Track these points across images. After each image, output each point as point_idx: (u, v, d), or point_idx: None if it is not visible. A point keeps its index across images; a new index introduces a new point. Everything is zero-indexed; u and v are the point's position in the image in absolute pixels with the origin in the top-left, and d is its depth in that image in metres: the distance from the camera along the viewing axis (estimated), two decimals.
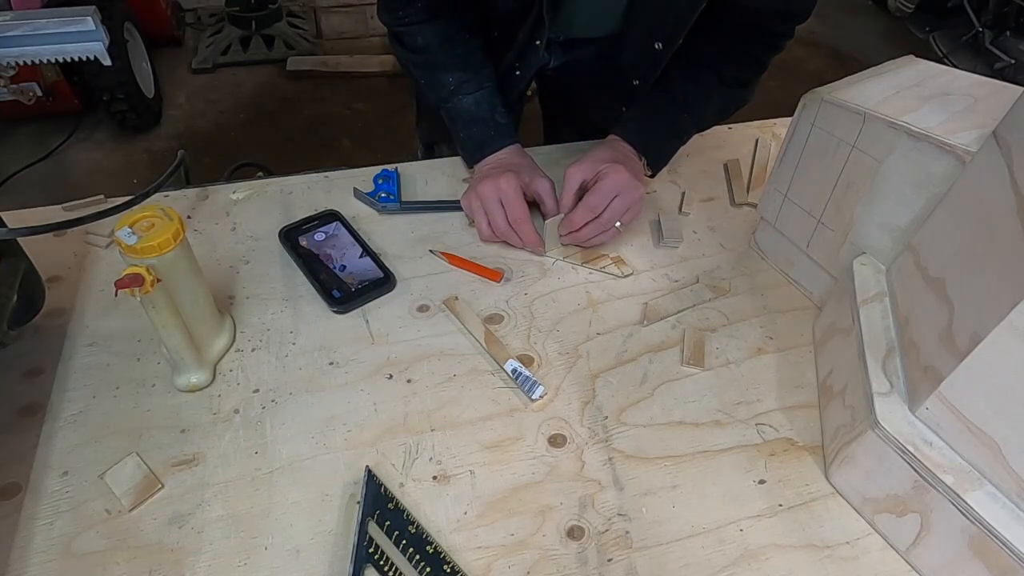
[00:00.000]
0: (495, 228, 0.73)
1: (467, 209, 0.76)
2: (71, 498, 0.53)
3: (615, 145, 0.78)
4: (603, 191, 0.71)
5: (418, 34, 0.78)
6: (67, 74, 2.12)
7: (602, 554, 0.51)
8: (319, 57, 2.64)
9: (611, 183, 0.71)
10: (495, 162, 0.77)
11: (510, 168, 0.74)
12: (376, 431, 0.58)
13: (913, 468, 0.48)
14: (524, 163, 0.78)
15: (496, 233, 0.73)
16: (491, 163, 0.78)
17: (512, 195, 0.72)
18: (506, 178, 0.72)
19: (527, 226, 0.72)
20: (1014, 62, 2.48)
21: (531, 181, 0.75)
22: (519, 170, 0.75)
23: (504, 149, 0.78)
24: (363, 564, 0.49)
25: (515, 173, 0.73)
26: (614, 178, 0.71)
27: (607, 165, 0.72)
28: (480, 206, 0.73)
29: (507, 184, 0.72)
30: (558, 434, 0.59)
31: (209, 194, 0.81)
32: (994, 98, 0.59)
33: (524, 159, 0.79)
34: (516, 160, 0.77)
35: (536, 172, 0.77)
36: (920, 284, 0.53)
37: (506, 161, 0.77)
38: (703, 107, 0.80)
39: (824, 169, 0.64)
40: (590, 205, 0.71)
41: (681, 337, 0.67)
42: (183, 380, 0.60)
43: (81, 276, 0.71)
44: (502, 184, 0.72)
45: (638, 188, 0.72)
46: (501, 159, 0.78)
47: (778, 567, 0.51)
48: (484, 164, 0.78)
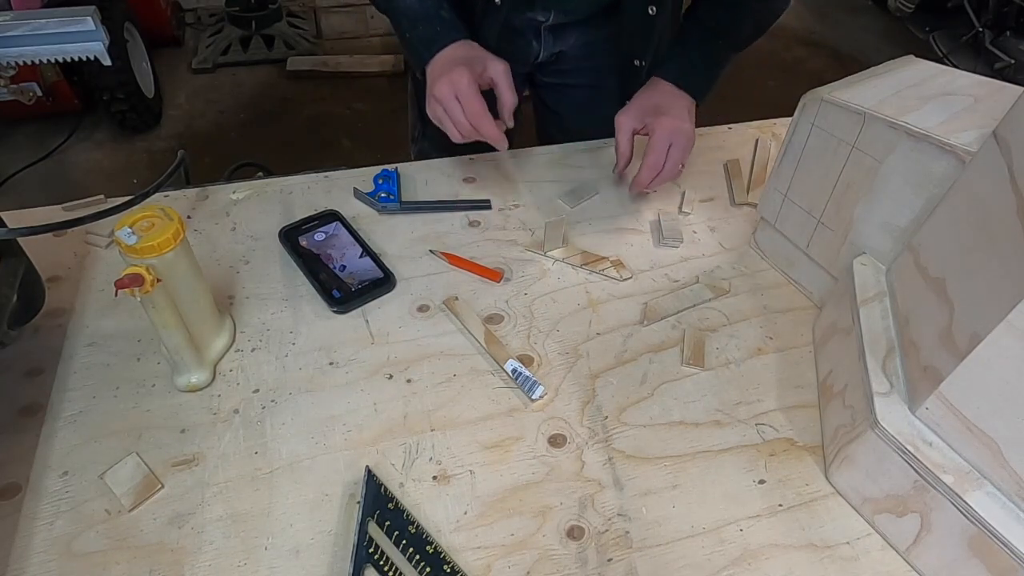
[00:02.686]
0: (459, 128, 0.71)
1: (433, 118, 0.73)
2: (71, 498, 0.53)
3: (658, 87, 0.80)
4: (658, 147, 0.75)
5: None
6: (67, 74, 2.12)
7: (602, 554, 0.51)
8: (319, 57, 2.64)
9: (661, 135, 0.75)
10: (445, 59, 0.73)
11: (461, 62, 0.71)
12: (376, 431, 0.58)
13: (913, 468, 0.48)
14: (475, 54, 0.74)
15: (461, 133, 0.71)
16: (441, 61, 0.73)
17: (466, 89, 0.69)
18: (458, 72, 0.69)
19: (485, 120, 0.70)
20: (1014, 62, 2.48)
21: (484, 70, 0.72)
22: (470, 62, 0.71)
23: (452, 44, 0.74)
24: (363, 564, 0.49)
25: (467, 66, 0.70)
26: (663, 129, 0.75)
27: (651, 118, 0.76)
28: (443, 111, 0.71)
29: (459, 78, 0.69)
30: (558, 434, 0.59)
31: (209, 194, 0.81)
32: (994, 98, 0.59)
33: (474, 50, 0.74)
34: (466, 53, 0.74)
35: (488, 59, 0.73)
36: (920, 284, 0.53)
37: (456, 56, 0.73)
38: (738, 29, 0.80)
39: (824, 169, 0.64)
40: (651, 164, 0.76)
41: (681, 337, 0.67)
42: (183, 380, 0.60)
43: (81, 276, 0.71)
44: (455, 78, 0.69)
45: (686, 131, 0.76)
46: (450, 55, 0.73)
47: (778, 567, 0.51)
48: (435, 64, 0.74)
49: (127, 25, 2.16)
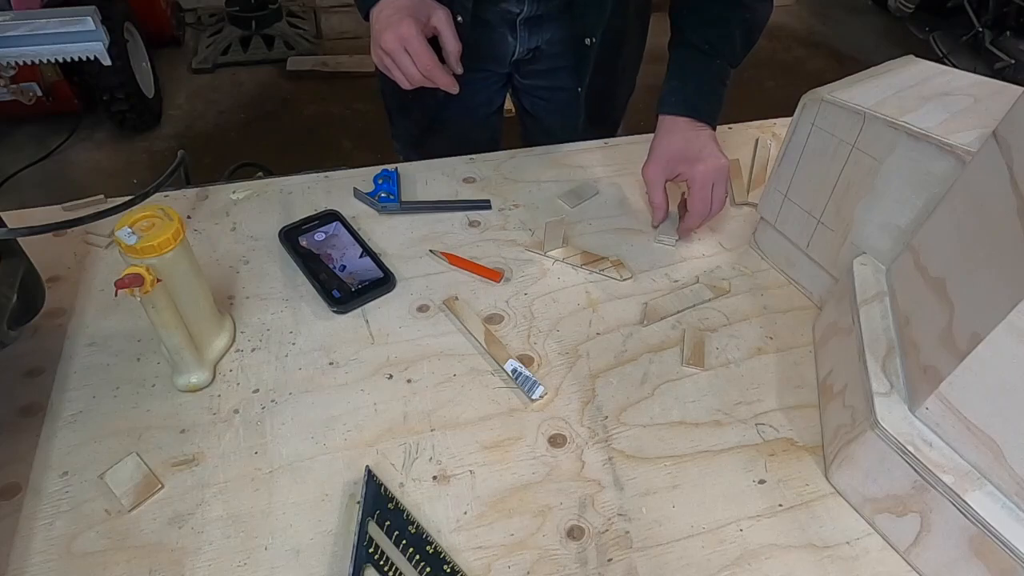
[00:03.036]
0: (410, 79, 0.73)
1: (379, 64, 0.75)
2: (71, 498, 0.53)
3: (674, 127, 0.77)
4: (702, 194, 0.73)
5: None
6: (67, 74, 2.12)
7: (602, 554, 0.51)
8: (319, 57, 2.64)
9: (703, 182, 0.73)
10: (390, 7, 0.74)
11: (407, 12, 0.72)
12: (376, 431, 0.58)
13: (913, 468, 0.48)
14: (419, 2, 0.75)
15: (411, 83, 0.74)
16: (387, 10, 0.74)
17: (415, 42, 0.71)
18: (406, 24, 0.71)
19: (437, 70, 0.73)
20: (1014, 62, 2.48)
21: (428, 19, 0.74)
22: (415, 12, 0.73)
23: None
24: (363, 564, 0.49)
25: (412, 18, 0.72)
26: (702, 176, 0.73)
27: (684, 167, 0.74)
28: (391, 61, 0.73)
29: (407, 31, 0.71)
30: (558, 434, 0.59)
31: (209, 194, 0.81)
32: (994, 98, 0.59)
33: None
34: (408, 1, 0.74)
35: (431, 7, 0.75)
36: (920, 284, 0.53)
37: (399, 4, 0.74)
38: (729, 44, 0.78)
39: (824, 169, 0.64)
40: (699, 212, 0.74)
41: (681, 337, 0.67)
42: (183, 380, 0.60)
43: (81, 276, 0.71)
44: (403, 31, 0.71)
45: (720, 166, 0.73)
46: (394, 4, 0.74)
47: (778, 567, 0.51)
48: (380, 10, 0.74)
49: (127, 25, 2.16)
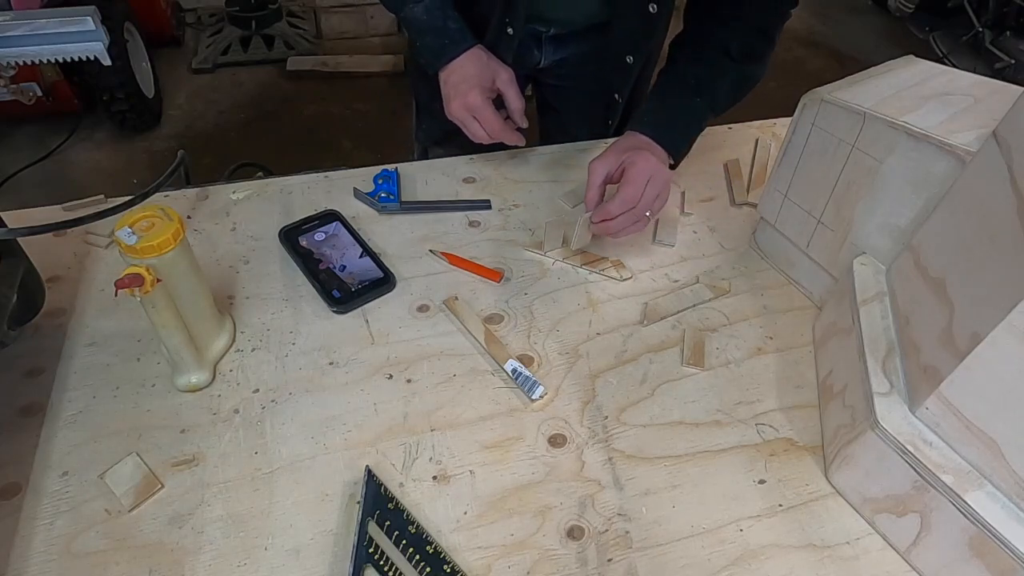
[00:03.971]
0: (479, 140, 0.80)
1: (456, 121, 0.80)
2: (71, 498, 0.53)
3: (634, 138, 0.77)
4: (636, 180, 0.69)
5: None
6: (67, 74, 2.11)
7: (602, 554, 0.51)
8: (319, 57, 2.64)
9: (641, 169, 0.70)
10: (457, 75, 0.79)
11: (473, 82, 0.78)
12: (376, 431, 0.58)
13: (913, 468, 0.48)
14: (482, 70, 0.79)
15: (482, 142, 0.80)
16: (454, 76, 0.79)
17: (482, 108, 0.77)
18: (473, 95, 0.77)
19: (504, 132, 0.79)
20: (1014, 62, 2.48)
21: (493, 82, 0.79)
22: (480, 80, 0.78)
23: (461, 56, 0.79)
24: (363, 564, 0.49)
25: (478, 87, 0.77)
26: (643, 165, 0.70)
27: (630, 153, 0.71)
28: (460, 122, 0.79)
29: (474, 100, 0.77)
30: (558, 434, 0.59)
31: (209, 194, 0.81)
32: (994, 98, 0.59)
33: (480, 63, 0.79)
34: (476, 68, 0.79)
35: (495, 70, 0.80)
36: (920, 284, 0.53)
37: (467, 73, 0.79)
38: (716, 88, 0.78)
39: (824, 169, 0.64)
40: (626, 197, 0.69)
41: (681, 337, 0.67)
42: (183, 380, 0.60)
43: (81, 276, 0.71)
44: (470, 101, 0.77)
45: (666, 172, 0.71)
46: (461, 71, 0.79)
47: (778, 567, 0.51)
48: (448, 74, 0.79)
49: (127, 25, 2.16)
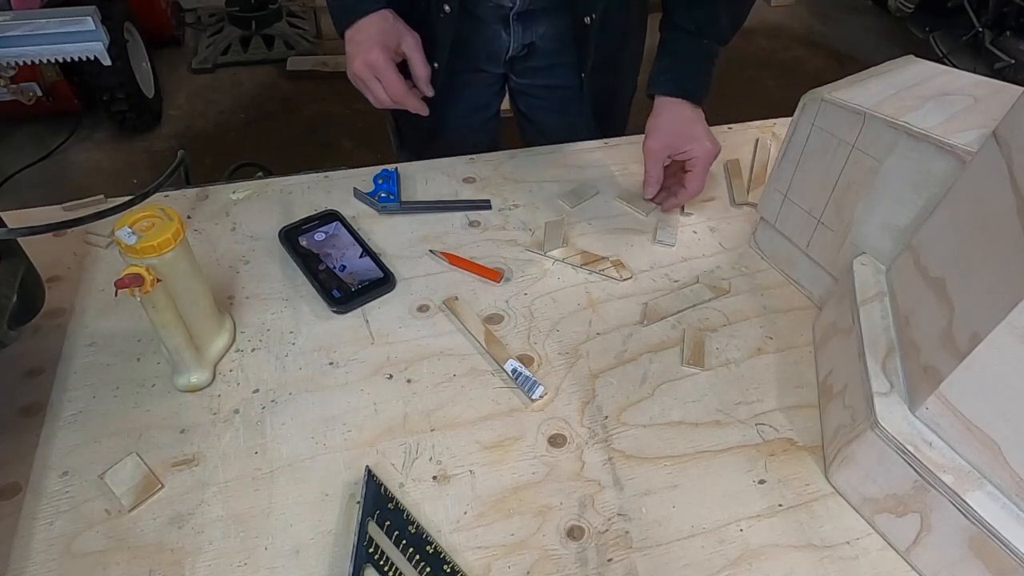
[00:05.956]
0: (381, 103, 0.79)
1: (354, 83, 0.79)
2: (71, 498, 0.53)
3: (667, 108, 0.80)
4: (703, 172, 0.78)
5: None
6: (67, 74, 2.12)
7: (602, 554, 0.51)
8: (319, 57, 2.64)
9: (704, 161, 0.77)
10: (362, 34, 0.78)
11: (377, 41, 0.76)
12: (376, 431, 0.58)
13: (913, 468, 0.48)
14: (390, 28, 0.78)
15: (383, 106, 0.79)
16: (359, 36, 0.78)
17: (384, 69, 0.76)
18: (374, 53, 0.76)
19: (406, 97, 0.78)
20: (1014, 62, 2.48)
21: (398, 45, 0.78)
22: (385, 38, 0.77)
23: (369, 15, 0.78)
24: (363, 564, 0.49)
25: (381, 46, 0.76)
26: (704, 156, 0.77)
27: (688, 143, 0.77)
28: (363, 85, 0.78)
29: (375, 57, 0.76)
30: (558, 434, 0.59)
31: (209, 194, 0.81)
32: (994, 98, 0.59)
33: (387, 24, 0.79)
34: (381, 27, 0.78)
35: (401, 32, 0.78)
36: (920, 284, 0.53)
37: (372, 32, 0.78)
38: (717, 24, 0.80)
39: (824, 169, 0.64)
40: (694, 190, 0.78)
41: (681, 337, 0.67)
42: (183, 380, 0.60)
43: (81, 276, 0.71)
44: (371, 59, 0.76)
45: (717, 150, 0.78)
46: (367, 30, 0.78)
47: (778, 567, 0.51)
48: (353, 35, 0.78)
49: (127, 25, 2.16)
